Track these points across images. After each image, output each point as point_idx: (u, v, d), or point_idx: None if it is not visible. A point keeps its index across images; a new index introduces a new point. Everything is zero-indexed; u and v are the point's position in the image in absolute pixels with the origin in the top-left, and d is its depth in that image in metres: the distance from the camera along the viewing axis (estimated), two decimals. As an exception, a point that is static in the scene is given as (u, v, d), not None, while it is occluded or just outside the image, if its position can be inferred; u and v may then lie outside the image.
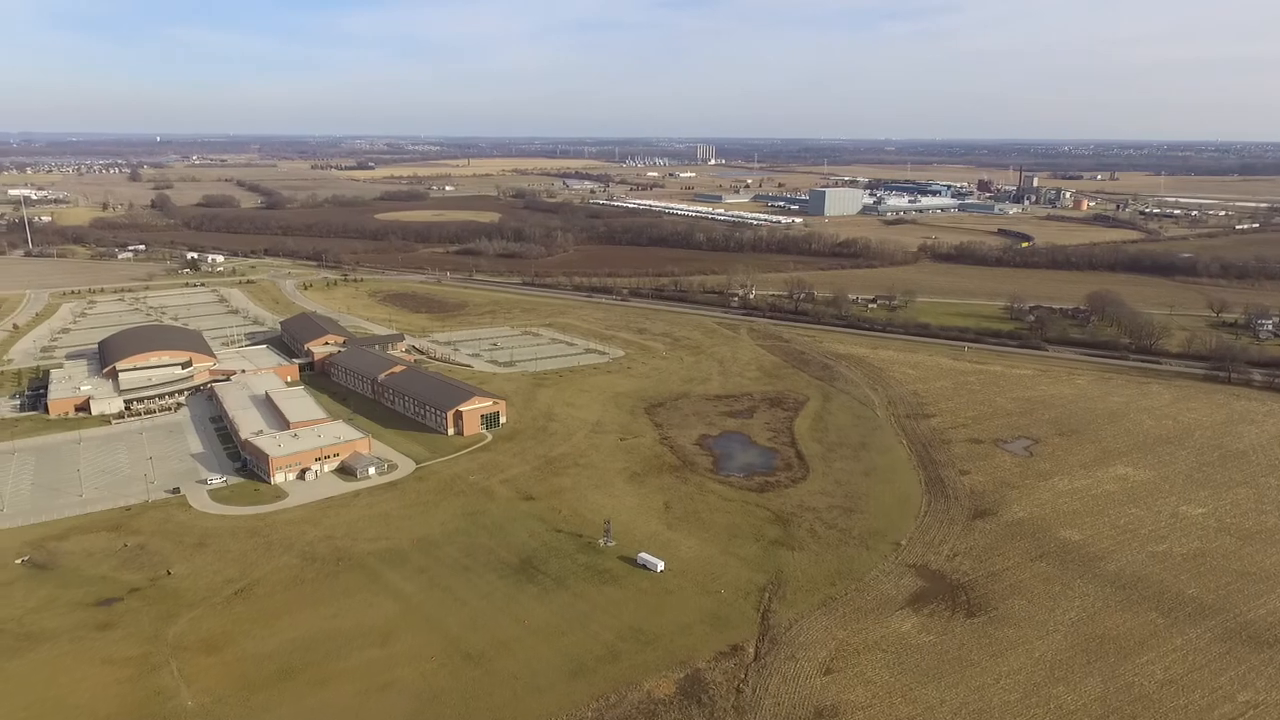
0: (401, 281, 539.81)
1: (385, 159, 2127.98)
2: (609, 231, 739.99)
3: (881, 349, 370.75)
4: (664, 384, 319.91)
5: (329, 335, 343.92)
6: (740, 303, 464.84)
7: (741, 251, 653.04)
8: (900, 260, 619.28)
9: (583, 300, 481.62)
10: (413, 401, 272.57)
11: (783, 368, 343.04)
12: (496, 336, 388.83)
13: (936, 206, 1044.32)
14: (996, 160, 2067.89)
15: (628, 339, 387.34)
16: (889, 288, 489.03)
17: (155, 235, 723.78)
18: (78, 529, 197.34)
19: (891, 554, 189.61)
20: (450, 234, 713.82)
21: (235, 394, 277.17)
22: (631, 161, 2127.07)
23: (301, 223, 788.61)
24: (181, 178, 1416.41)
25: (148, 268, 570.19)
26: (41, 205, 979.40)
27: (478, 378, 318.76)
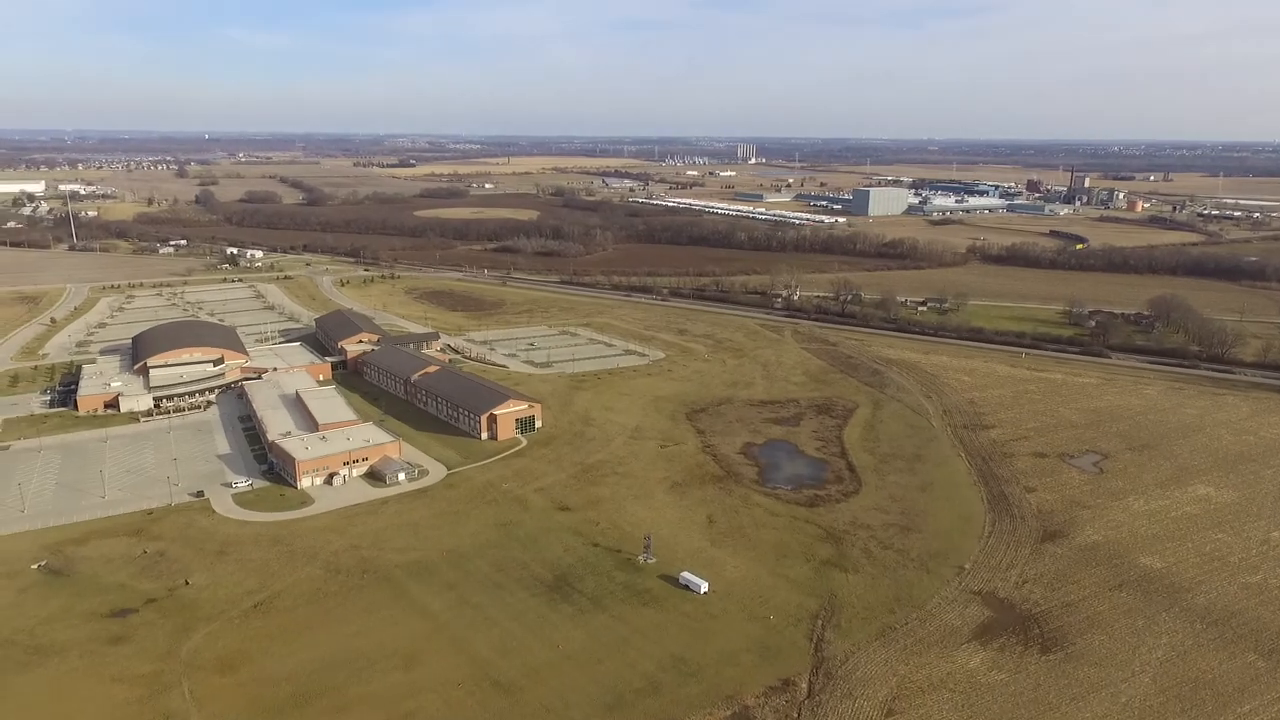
0: (438, 279, 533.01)
1: (427, 156, 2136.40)
2: (648, 230, 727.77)
3: (934, 354, 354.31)
4: (706, 388, 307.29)
5: (363, 333, 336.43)
6: (784, 304, 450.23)
7: (784, 251, 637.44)
8: (949, 261, 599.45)
9: (621, 299, 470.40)
10: (445, 403, 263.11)
11: (830, 372, 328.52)
12: (533, 336, 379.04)
13: (984, 207, 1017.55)
14: (1043, 161, 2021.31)
15: (668, 340, 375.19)
16: (939, 290, 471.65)
17: (197, 231, 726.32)
18: (98, 533, 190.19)
19: (954, 579, 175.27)
20: (488, 231, 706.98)
21: (265, 393, 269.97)
22: (671, 160, 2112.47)
23: (341, 219, 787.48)
24: (226, 174, 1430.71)
25: (187, 263, 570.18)
26: (89, 200, 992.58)
27: (513, 379, 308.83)
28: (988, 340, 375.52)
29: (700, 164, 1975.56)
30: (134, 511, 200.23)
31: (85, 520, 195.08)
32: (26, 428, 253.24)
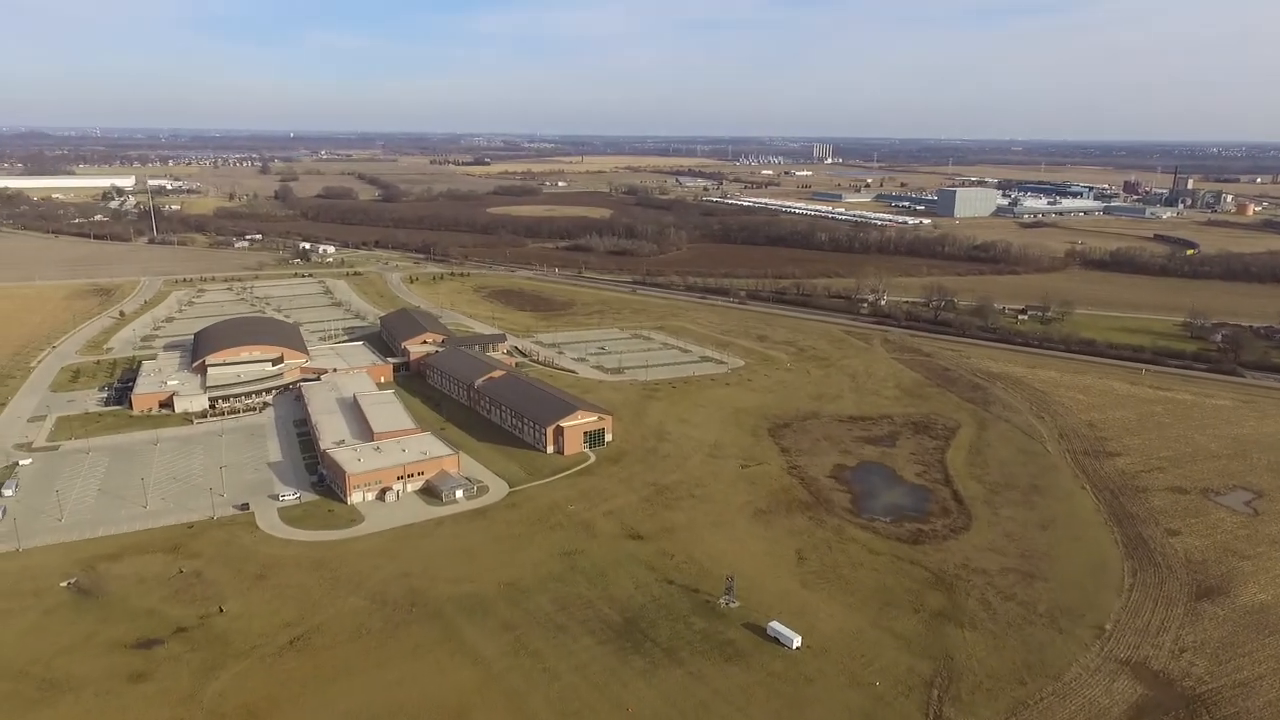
0: (508, 277, 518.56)
1: (501, 155, 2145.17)
2: (724, 229, 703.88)
3: (1040, 368, 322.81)
4: (790, 400, 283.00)
5: (427, 334, 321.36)
6: (870, 309, 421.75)
7: (867, 253, 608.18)
8: (1046, 266, 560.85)
9: (697, 302, 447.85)
10: (510, 412, 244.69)
11: (926, 386, 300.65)
12: (604, 339, 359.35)
13: (1078, 209, 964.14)
14: (1136, 162, 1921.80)
15: (747, 346, 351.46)
16: (1039, 297, 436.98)
17: (273, 225, 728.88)
18: (134, 547, 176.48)
19: (1094, 642, 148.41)
20: (560, 229, 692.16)
21: (322, 396, 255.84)
22: (745, 160, 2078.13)
23: (414, 216, 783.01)
24: (307, 171, 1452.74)
25: (260, 257, 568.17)
26: (175, 195, 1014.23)
27: (581, 385, 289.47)
28: (1100, 354, 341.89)
29: (775, 163, 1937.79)
30: (174, 524, 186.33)
31: (123, 533, 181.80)
32: (79, 427, 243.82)
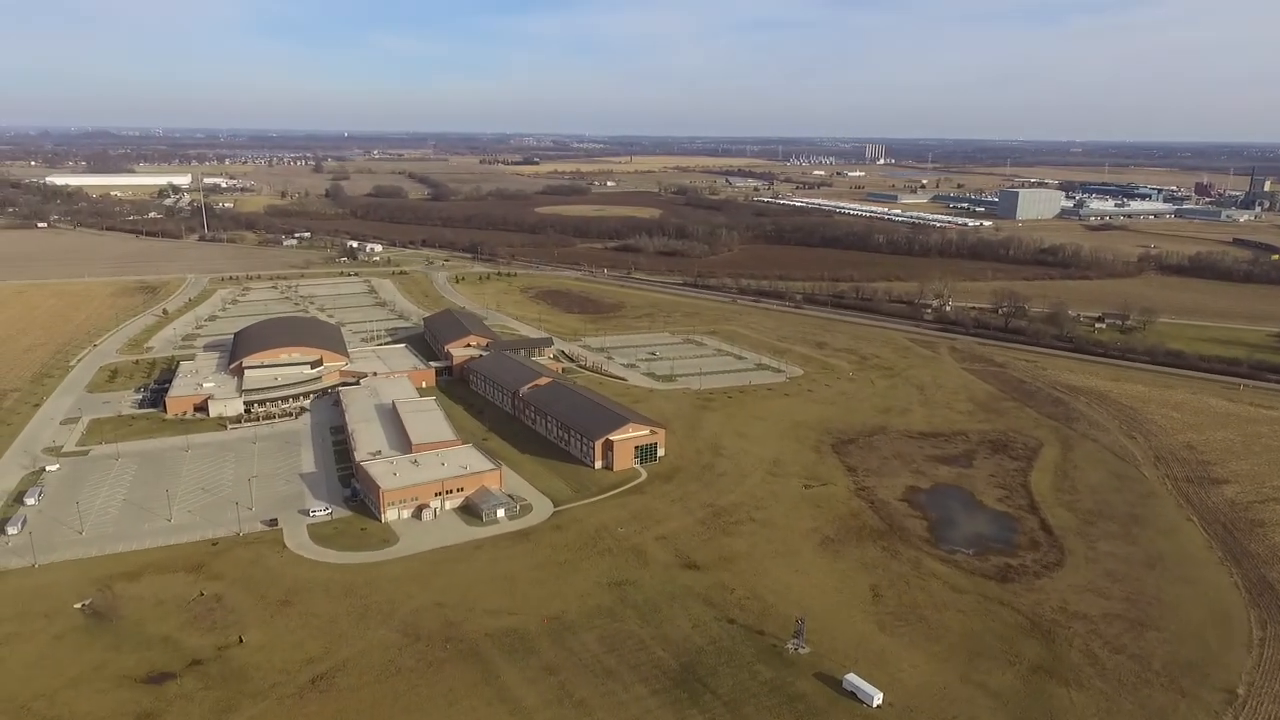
0: (555, 277, 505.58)
1: (551, 155, 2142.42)
2: (777, 230, 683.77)
3: (1124, 381, 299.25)
4: (854, 413, 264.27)
5: (471, 336, 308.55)
6: (935, 315, 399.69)
7: (927, 256, 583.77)
8: (1120, 271, 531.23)
9: (750, 305, 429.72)
10: (555, 423, 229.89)
11: (1001, 400, 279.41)
12: (655, 344, 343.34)
13: (1148, 211, 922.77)
14: (1202, 163, 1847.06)
15: (805, 354, 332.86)
16: (1114, 304, 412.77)
17: (322, 223, 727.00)
18: (155, 566, 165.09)
19: (1226, 710, 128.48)
20: (609, 229, 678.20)
21: (360, 402, 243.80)
22: (796, 160, 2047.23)
23: (462, 215, 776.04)
24: (359, 170, 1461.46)
25: (307, 255, 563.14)
26: (228, 193, 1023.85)
27: (631, 395, 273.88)
28: (1190, 367, 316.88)
29: (827, 164, 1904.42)
30: (199, 540, 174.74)
31: (144, 549, 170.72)
32: (110, 431, 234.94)
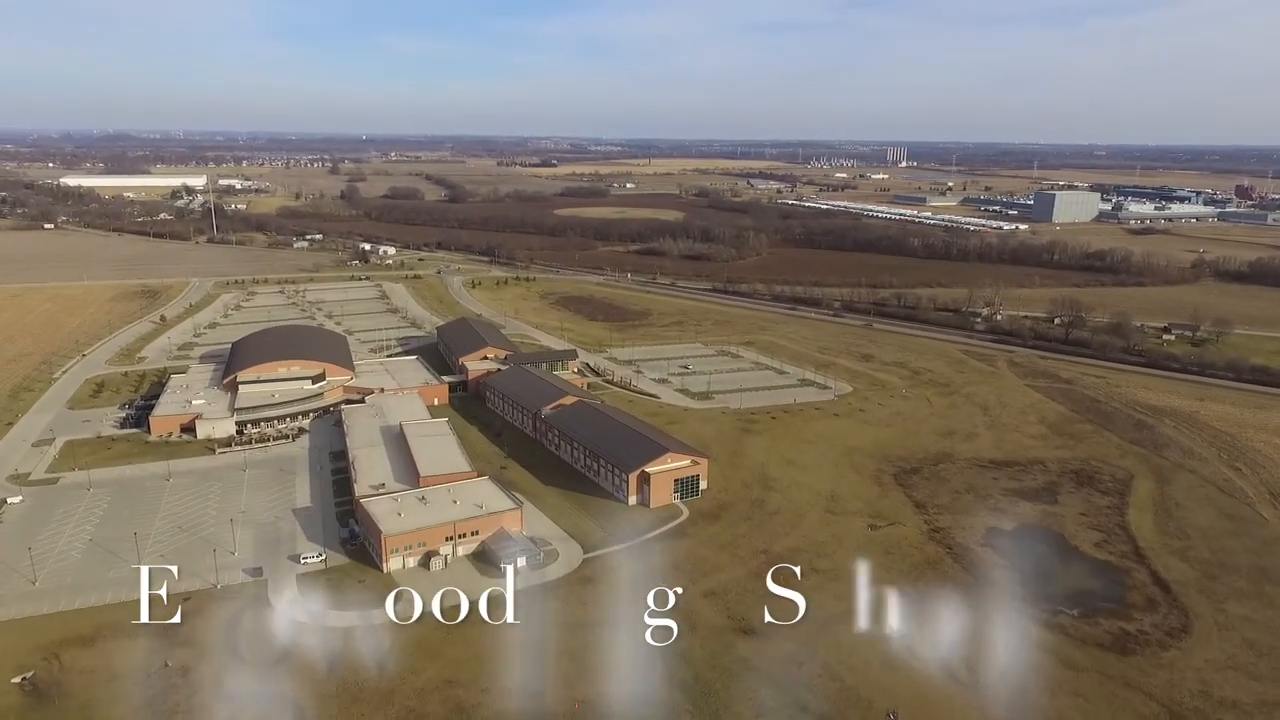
0: (577, 282, 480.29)
1: (568, 157, 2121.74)
2: (806, 233, 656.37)
3: (1211, 401, 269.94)
4: (913, 437, 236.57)
5: (488, 348, 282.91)
6: (986, 325, 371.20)
7: (966, 260, 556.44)
8: (1175, 278, 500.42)
9: (785, 313, 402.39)
10: (583, 451, 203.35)
11: (1075, 422, 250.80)
12: (687, 356, 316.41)
13: (1189, 215, 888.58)
14: (1232, 166, 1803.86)
15: (851, 368, 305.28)
16: (1178, 313, 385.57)
17: (335, 225, 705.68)
18: (112, 627, 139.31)
19: None
20: (631, 232, 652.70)
21: (364, 424, 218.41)
22: (816, 163, 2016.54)
23: (479, 217, 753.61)
24: (375, 171, 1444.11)
25: (318, 258, 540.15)
26: (242, 194, 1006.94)
27: (665, 415, 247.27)
28: (1274, 383, 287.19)
29: (848, 166, 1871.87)
30: (170, 594, 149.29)
31: (105, 604, 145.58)
32: (86, 455, 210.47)
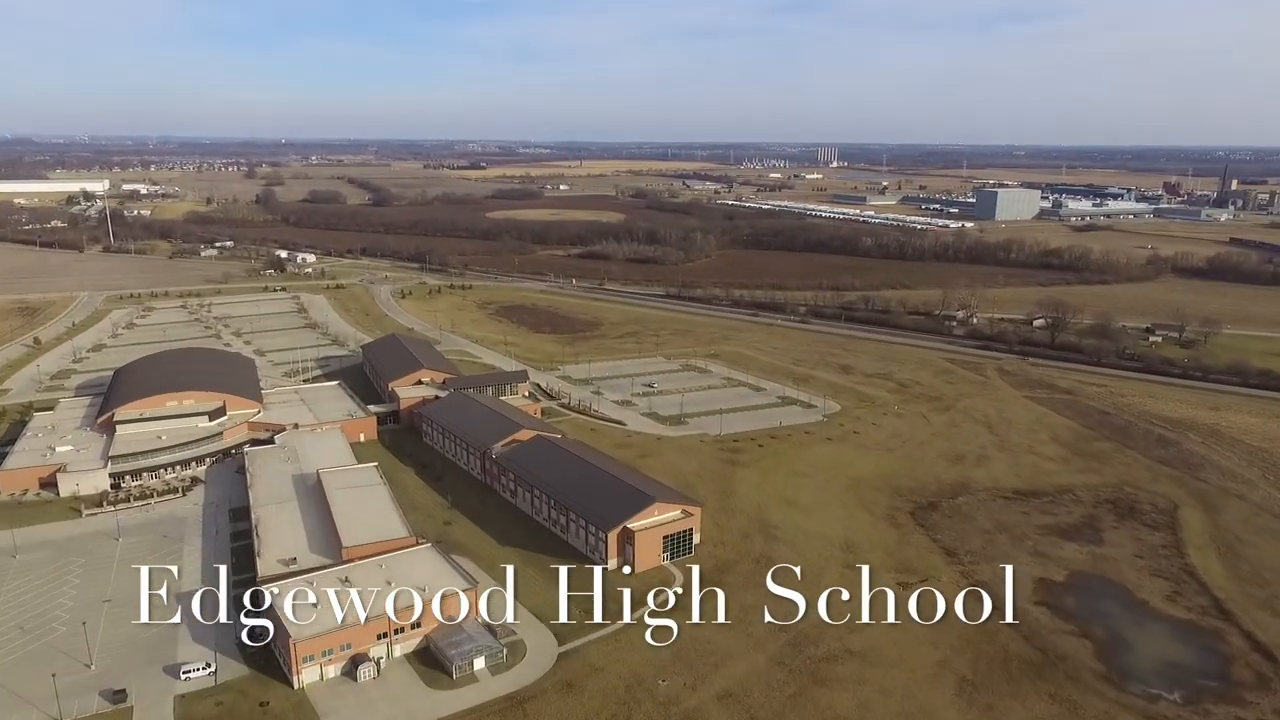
0: (518, 289, 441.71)
1: (497, 160, 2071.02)
2: (754, 234, 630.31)
3: (1226, 411, 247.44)
4: (920, 464, 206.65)
5: (423, 370, 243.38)
6: (965, 329, 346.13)
7: (922, 260, 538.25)
8: (1136, 275, 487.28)
9: (749, 320, 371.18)
10: (548, 501, 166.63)
11: (1092, 439, 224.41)
12: (650, 372, 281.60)
13: (1126, 211, 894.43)
14: (1145, 165, 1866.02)
15: (832, 381, 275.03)
16: (1148, 311, 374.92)
17: (249, 231, 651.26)
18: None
19: None
20: (572, 235, 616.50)
21: (273, 472, 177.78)
22: (748, 163, 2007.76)
23: (407, 220, 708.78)
24: (295, 175, 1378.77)
25: (228, 267, 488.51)
26: (147, 199, 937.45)
27: (636, 445, 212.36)
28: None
29: (781, 167, 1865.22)
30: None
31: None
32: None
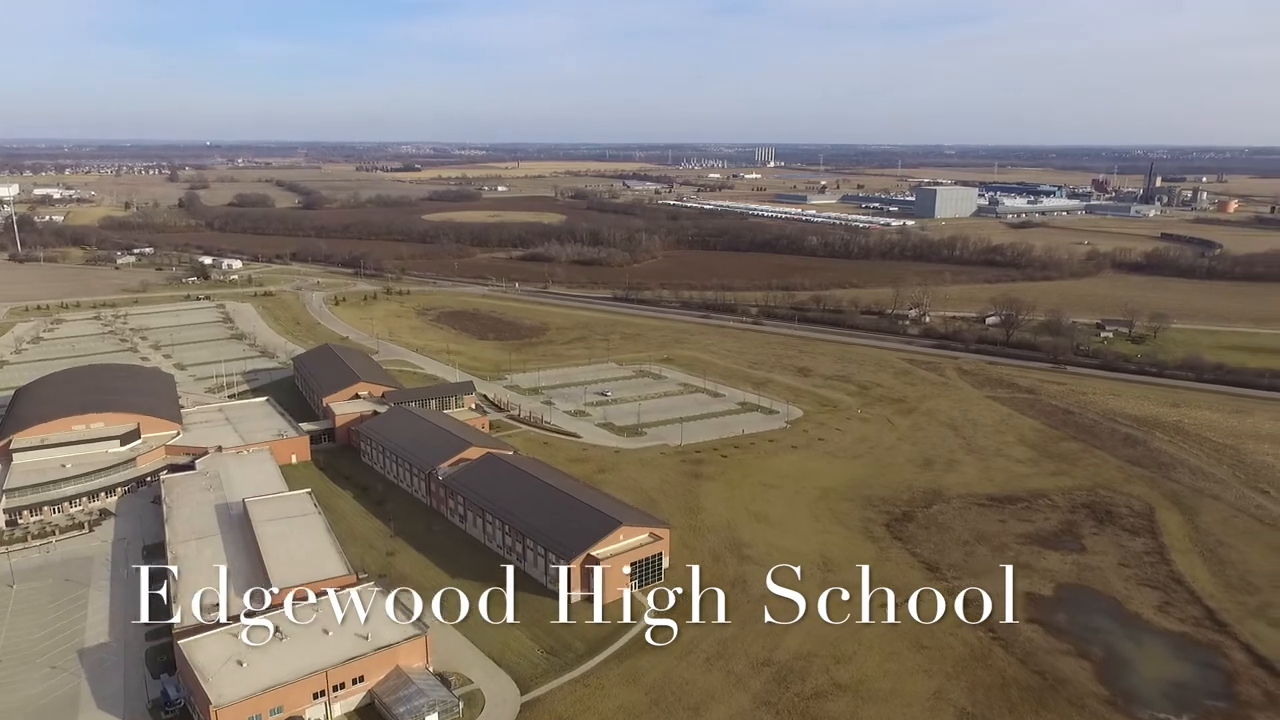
0: (458, 294, 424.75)
1: (432, 162, 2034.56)
2: (699, 234, 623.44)
3: (1186, 407, 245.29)
4: (889, 470, 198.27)
5: (360, 383, 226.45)
6: (920, 329, 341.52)
7: (868, 259, 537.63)
8: (1079, 271, 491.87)
9: (700, 323, 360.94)
10: (501, 528, 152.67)
11: (1059, 440, 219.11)
12: (602, 380, 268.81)
13: (1060, 208, 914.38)
14: (1071, 164, 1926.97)
15: (791, 385, 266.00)
16: (1097, 307, 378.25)
17: (170, 237, 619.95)
18: None
19: None
20: (512, 237, 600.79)
21: (192, 502, 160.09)
22: (687, 164, 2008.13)
23: (339, 224, 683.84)
24: (220, 178, 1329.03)
25: (146, 275, 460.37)
26: (61, 204, 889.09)
27: (593, 459, 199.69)
28: (1247, 384, 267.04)
29: (719, 167, 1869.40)
30: None
31: None
32: None
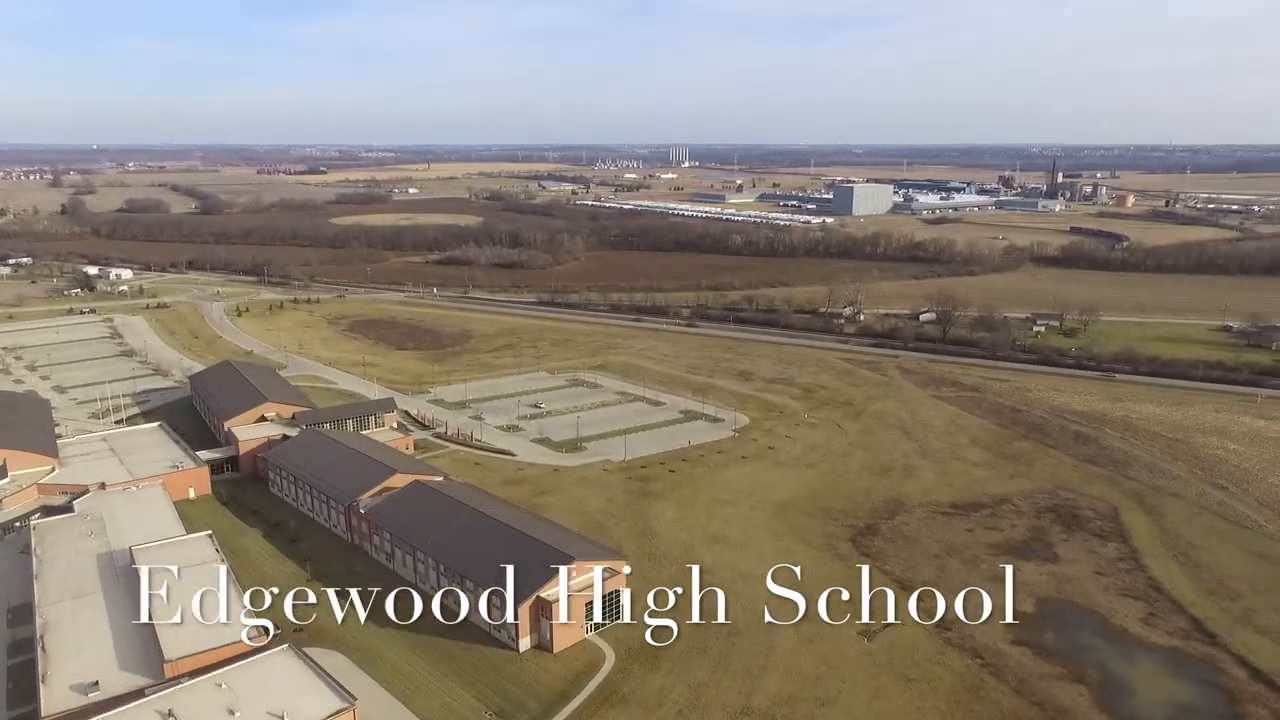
0: (372, 301, 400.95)
1: (338, 164, 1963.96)
2: (622, 235, 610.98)
3: (1127, 401, 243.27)
4: (845, 480, 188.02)
5: (267, 404, 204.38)
6: (855, 327, 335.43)
7: (794, 256, 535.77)
8: (1001, 265, 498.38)
9: (631, 326, 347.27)
10: (435, 567, 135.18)
11: (1011, 440, 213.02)
12: (534, 390, 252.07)
13: (972, 204, 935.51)
14: (971, 162, 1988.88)
15: (733, 389, 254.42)
16: (1022, 300, 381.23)
17: (52, 246, 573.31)
18: None
19: None
20: (428, 240, 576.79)
21: (69, 553, 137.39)
22: (602, 164, 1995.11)
23: (240, 229, 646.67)
24: (109, 183, 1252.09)
25: (21, 288, 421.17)
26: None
27: (530, 480, 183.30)
28: (1180, 375, 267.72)
29: (635, 167, 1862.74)
30: None
31: None
32: None
